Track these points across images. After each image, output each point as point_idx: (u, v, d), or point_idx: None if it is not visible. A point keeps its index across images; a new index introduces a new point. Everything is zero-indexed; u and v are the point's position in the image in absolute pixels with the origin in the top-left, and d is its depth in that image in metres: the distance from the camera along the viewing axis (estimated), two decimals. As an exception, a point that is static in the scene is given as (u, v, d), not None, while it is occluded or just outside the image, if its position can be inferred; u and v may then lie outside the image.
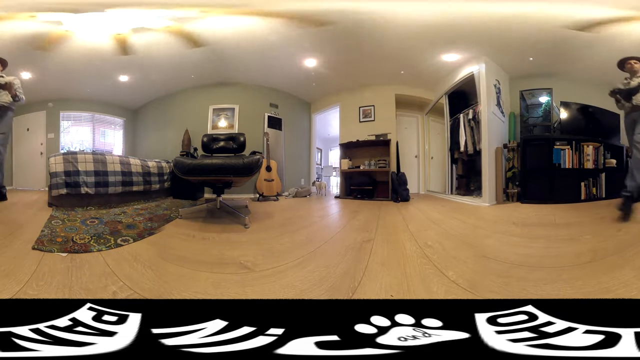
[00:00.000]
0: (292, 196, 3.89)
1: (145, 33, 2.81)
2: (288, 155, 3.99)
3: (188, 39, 2.84)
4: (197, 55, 3.08)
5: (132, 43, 2.90)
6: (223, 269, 1.57)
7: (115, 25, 2.75)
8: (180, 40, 2.85)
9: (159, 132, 3.80)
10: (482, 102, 3.21)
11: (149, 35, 2.83)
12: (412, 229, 2.26)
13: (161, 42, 2.88)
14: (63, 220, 2.22)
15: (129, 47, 2.93)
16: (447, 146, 3.84)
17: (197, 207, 2.85)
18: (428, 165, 4.00)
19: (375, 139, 3.81)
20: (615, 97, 2.55)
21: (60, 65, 3.09)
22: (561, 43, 2.72)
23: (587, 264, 1.55)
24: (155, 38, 2.85)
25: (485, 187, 3.20)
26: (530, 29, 2.63)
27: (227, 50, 3.06)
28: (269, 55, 3.22)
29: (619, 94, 2.51)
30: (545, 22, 2.56)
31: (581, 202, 3.01)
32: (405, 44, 3.04)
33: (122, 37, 2.84)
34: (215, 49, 3.01)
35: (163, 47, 2.94)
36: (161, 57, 3.09)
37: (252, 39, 2.88)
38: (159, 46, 2.93)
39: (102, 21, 2.69)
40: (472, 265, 1.60)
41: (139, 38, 2.85)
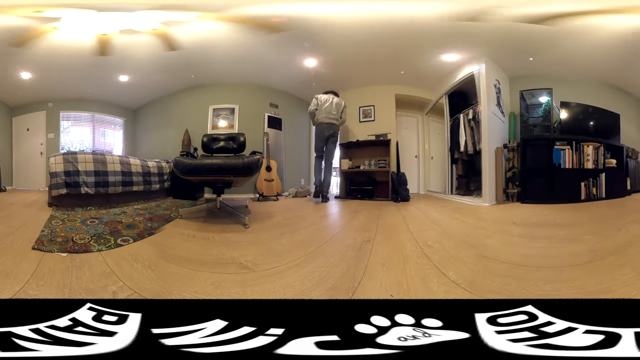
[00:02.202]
0: (292, 196, 3.89)
1: (144, 34, 2.81)
2: (288, 155, 3.99)
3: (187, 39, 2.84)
4: (197, 55, 3.08)
5: (133, 44, 2.90)
6: (223, 269, 1.57)
7: (115, 24, 2.74)
8: (180, 41, 2.85)
9: (159, 132, 3.80)
10: (482, 102, 3.21)
11: (149, 36, 2.83)
12: (412, 229, 2.26)
13: (161, 42, 2.88)
14: (63, 220, 2.22)
15: (129, 47, 2.93)
16: (447, 146, 3.84)
17: (197, 207, 2.85)
18: (428, 165, 4.00)
19: (375, 139, 3.81)
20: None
21: (60, 66, 3.09)
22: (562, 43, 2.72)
23: (587, 264, 1.55)
24: (154, 38, 2.85)
25: (485, 187, 3.20)
26: (531, 29, 2.63)
27: (227, 50, 3.06)
28: (269, 55, 3.22)
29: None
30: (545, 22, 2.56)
31: (581, 202, 3.02)
32: (405, 44, 3.04)
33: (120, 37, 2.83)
34: (215, 49, 3.01)
35: (162, 47, 2.94)
36: (161, 57, 3.09)
37: (252, 39, 2.88)
38: (158, 46, 2.93)
39: (102, 21, 2.69)
40: (472, 265, 1.60)
41: (135, 38, 2.85)
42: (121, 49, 2.94)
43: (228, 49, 3.03)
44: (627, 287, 1.27)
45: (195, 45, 2.92)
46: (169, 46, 2.90)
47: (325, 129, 3.60)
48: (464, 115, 3.56)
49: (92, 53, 2.94)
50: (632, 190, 3.17)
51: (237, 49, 3.05)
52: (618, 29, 2.56)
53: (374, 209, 3.14)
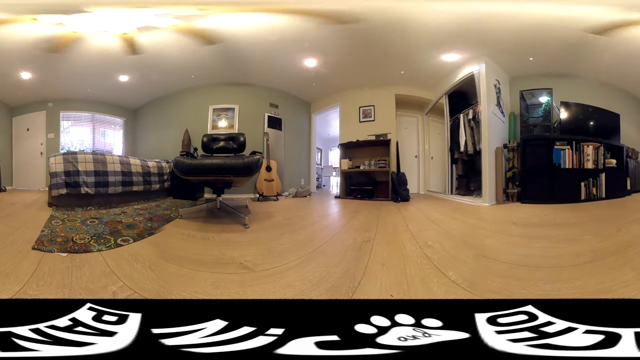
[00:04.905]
0: (292, 196, 3.89)
1: (144, 33, 2.81)
2: (288, 155, 3.99)
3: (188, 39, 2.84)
4: (197, 55, 3.08)
5: (133, 43, 2.90)
6: (223, 269, 1.57)
7: (117, 24, 2.74)
8: (180, 41, 2.85)
9: (159, 132, 3.80)
10: (482, 102, 3.21)
11: (148, 35, 2.83)
12: (412, 229, 2.26)
13: (160, 42, 2.88)
14: (63, 220, 2.22)
15: (128, 47, 2.93)
16: (447, 146, 3.84)
17: (197, 207, 2.85)
18: (428, 165, 4.00)
19: (375, 139, 3.81)
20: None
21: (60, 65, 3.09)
22: (561, 43, 2.72)
23: (587, 264, 1.55)
24: (154, 38, 2.85)
25: (485, 187, 3.20)
26: (531, 29, 2.63)
27: (228, 50, 3.06)
28: (269, 55, 3.22)
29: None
30: (545, 22, 2.56)
31: (581, 202, 3.02)
32: (405, 43, 3.04)
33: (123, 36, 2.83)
34: (216, 49, 3.01)
35: (162, 47, 2.94)
36: (161, 57, 3.09)
37: (253, 40, 2.88)
38: (158, 46, 2.93)
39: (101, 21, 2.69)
40: (472, 265, 1.60)
41: (139, 38, 2.85)
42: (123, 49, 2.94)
43: (228, 49, 3.03)
44: (627, 287, 1.27)
45: (196, 45, 2.92)
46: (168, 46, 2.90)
47: None
48: (464, 115, 3.56)
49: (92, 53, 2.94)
50: (632, 190, 3.17)
51: (237, 49, 3.05)
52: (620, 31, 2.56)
53: (374, 209, 3.14)
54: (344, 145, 3.99)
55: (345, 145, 3.98)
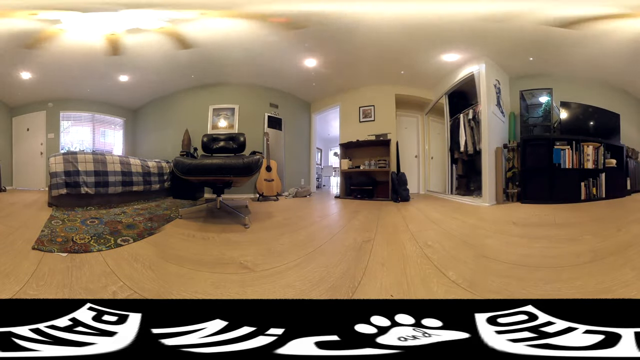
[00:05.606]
0: (292, 196, 3.89)
1: (143, 34, 2.80)
2: (288, 155, 3.99)
3: (187, 39, 2.84)
4: (198, 55, 3.08)
5: (131, 43, 2.90)
6: (223, 269, 1.57)
7: (114, 25, 2.74)
8: (180, 40, 2.85)
9: (159, 132, 3.80)
10: (482, 102, 3.21)
11: (149, 36, 2.83)
12: (412, 229, 2.26)
13: (161, 42, 2.88)
14: (63, 220, 2.22)
15: (128, 47, 2.93)
16: (447, 146, 3.84)
17: (197, 207, 2.85)
18: (428, 165, 4.00)
19: (375, 139, 3.81)
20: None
21: (60, 65, 3.09)
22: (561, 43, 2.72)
23: (587, 264, 1.55)
24: (154, 38, 2.85)
25: (485, 187, 3.20)
26: (531, 29, 2.62)
27: (228, 50, 3.06)
28: (269, 55, 3.22)
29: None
30: (545, 22, 2.56)
31: (581, 202, 3.02)
32: (405, 43, 3.03)
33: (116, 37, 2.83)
34: (216, 49, 3.01)
35: (162, 47, 2.93)
36: (161, 57, 3.09)
37: (253, 39, 2.88)
38: (158, 46, 2.93)
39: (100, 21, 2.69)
40: (472, 265, 1.60)
41: (136, 38, 2.85)
42: (123, 49, 2.94)
43: (228, 49, 3.03)
44: (627, 287, 1.27)
45: (196, 46, 2.92)
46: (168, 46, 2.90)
47: None
48: (464, 115, 3.56)
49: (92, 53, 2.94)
50: (632, 190, 3.17)
51: (237, 49, 3.05)
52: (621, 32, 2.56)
53: (374, 209, 3.14)
54: (344, 145, 3.99)
55: (345, 145, 3.98)
